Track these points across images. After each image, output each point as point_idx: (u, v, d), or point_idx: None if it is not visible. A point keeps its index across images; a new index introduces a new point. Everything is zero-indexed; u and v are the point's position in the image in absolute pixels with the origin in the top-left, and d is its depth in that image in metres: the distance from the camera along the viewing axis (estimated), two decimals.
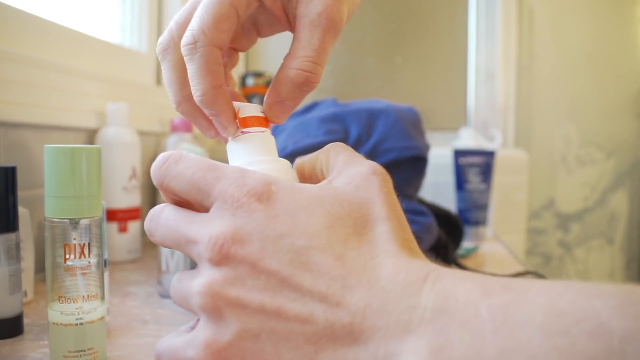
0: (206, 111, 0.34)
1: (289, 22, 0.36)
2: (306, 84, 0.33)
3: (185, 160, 0.30)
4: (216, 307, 0.27)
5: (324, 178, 0.32)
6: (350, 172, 0.30)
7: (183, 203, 0.31)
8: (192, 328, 0.30)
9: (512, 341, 0.22)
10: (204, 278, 0.27)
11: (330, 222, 0.27)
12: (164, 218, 0.30)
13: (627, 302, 0.21)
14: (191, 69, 0.33)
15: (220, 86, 0.33)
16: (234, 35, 0.34)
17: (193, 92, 0.33)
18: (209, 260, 0.27)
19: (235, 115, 0.34)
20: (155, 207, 0.31)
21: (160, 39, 0.36)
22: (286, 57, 0.34)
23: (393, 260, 0.26)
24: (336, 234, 0.27)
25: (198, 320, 0.31)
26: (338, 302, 0.25)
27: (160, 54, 0.35)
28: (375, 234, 0.28)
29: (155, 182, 0.31)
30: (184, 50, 0.32)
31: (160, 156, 0.31)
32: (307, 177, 0.34)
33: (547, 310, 0.22)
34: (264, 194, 0.27)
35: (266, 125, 0.35)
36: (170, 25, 0.36)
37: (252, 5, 0.33)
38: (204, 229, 0.28)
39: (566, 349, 0.21)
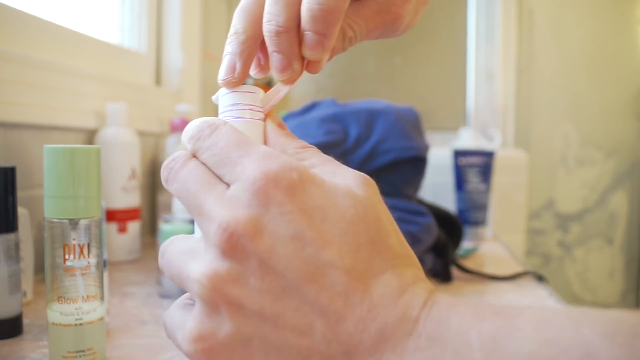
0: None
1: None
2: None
3: (222, 130, 0.29)
4: (214, 301, 0.26)
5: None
6: (348, 173, 0.29)
7: None
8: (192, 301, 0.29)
9: None
10: (207, 266, 0.26)
11: (344, 228, 0.26)
12: (186, 171, 0.29)
13: (615, 330, 0.21)
14: None
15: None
16: None
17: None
18: (216, 245, 0.26)
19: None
20: (179, 154, 0.30)
21: None
22: None
23: (398, 280, 0.26)
24: (348, 242, 0.26)
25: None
26: (338, 319, 0.25)
27: None
28: (387, 245, 0.27)
29: (187, 140, 0.30)
30: None
31: (202, 120, 0.30)
32: None
33: (535, 338, 0.22)
34: (283, 181, 0.26)
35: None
36: None
37: None
38: (220, 208, 0.26)
39: None
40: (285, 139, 0.31)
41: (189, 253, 0.28)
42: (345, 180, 0.28)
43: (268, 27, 0.31)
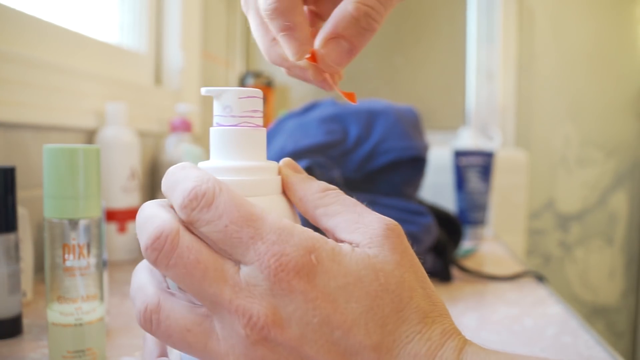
0: (278, 24, 0.30)
1: None
2: (366, 19, 0.30)
3: (220, 200, 0.26)
4: None
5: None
6: (371, 224, 0.28)
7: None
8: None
9: None
10: (241, 351, 0.26)
11: (369, 304, 0.26)
12: (182, 255, 0.26)
13: None
14: None
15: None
16: None
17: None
18: (245, 337, 0.25)
19: (311, 32, 0.31)
20: (163, 229, 0.26)
21: None
22: None
23: (426, 346, 0.26)
24: (374, 318, 0.26)
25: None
26: None
27: None
28: (412, 308, 0.27)
29: (179, 208, 0.26)
30: None
31: (192, 187, 0.26)
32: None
33: None
34: (304, 268, 0.25)
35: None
36: None
37: None
38: (242, 300, 0.25)
39: None
40: (305, 184, 0.30)
41: (200, 332, 0.27)
42: (366, 238, 0.28)
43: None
